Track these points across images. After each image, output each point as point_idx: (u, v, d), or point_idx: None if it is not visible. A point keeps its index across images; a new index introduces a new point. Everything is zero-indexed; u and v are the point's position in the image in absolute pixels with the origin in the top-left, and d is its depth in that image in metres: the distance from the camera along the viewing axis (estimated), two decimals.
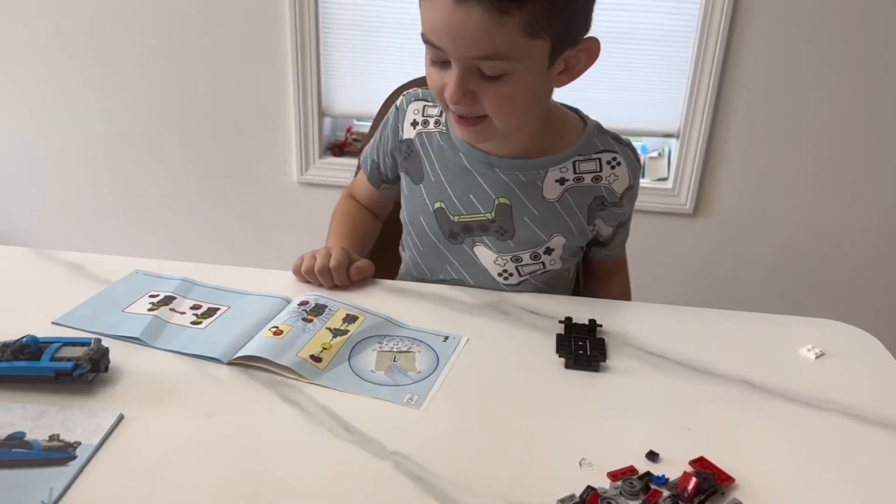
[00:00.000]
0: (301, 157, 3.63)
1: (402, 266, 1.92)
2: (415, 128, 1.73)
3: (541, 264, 1.72)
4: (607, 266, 1.87)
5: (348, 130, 3.73)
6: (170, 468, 1.08)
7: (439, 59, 1.46)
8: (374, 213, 1.95)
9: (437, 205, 1.71)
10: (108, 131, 3.75)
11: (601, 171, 1.66)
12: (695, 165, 3.42)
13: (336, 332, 1.45)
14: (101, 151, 3.80)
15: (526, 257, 1.70)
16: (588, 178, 1.66)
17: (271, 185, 3.71)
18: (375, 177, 1.87)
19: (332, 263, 1.61)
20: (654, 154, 3.60)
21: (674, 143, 3.50)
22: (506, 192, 1.66)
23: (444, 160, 1.69)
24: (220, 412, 1.21)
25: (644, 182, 3.47)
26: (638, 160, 1.71)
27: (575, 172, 1.65)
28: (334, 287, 1.62)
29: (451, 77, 1.44)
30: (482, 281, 1.73)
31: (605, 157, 1.66)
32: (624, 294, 1.91)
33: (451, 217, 1.70)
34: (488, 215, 1.68)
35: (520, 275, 1.73)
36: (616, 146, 1.68)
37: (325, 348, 1.39)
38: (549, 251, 1.70)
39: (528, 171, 1.64)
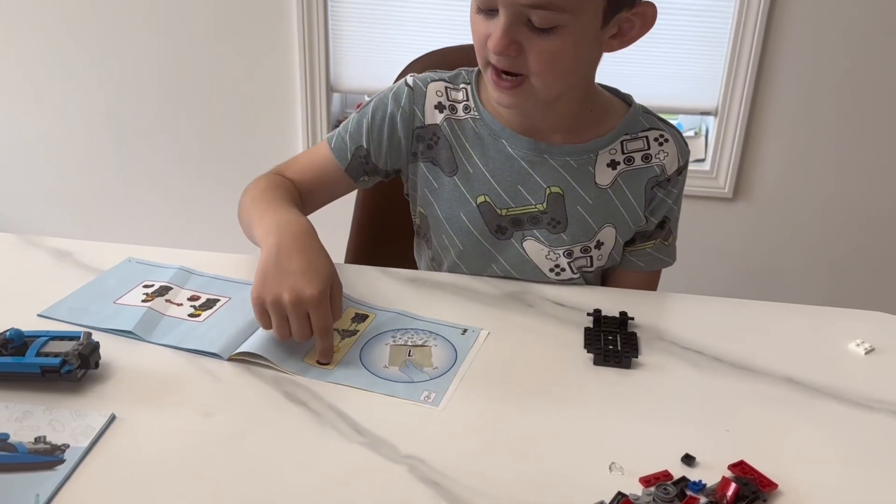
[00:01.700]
0: (308, 136, 3.63)
1: (424, 268, 1.88)
2: (441, 112, 1.70)
3: (589, 259, 1.71)
4: (629, 285, 1.78)
5: (358, 107, 3.72)
6: (165, 472, 1.08)
7: (486, 6, 1.45)
8: (304, 207, 1.71)
9: (481, 199, 1.68)
10: (100, 108, 3.76)
11: (649, 148, 1.66)
12: (734, 145, 3.41)
13: (345, 334, 1.44)
14: (92, 129, 3.81)
15: (577, 251, 1.69)
16: (638, 158, 1.66)
17: (271, 166, 3.69)
18: (359, 167, 1.74)
19: (317, 330, 1.36)
20: (691, 133, 3.59)
21: (711, 122, 3.49)
22: (557, 180, 1.65)
23: (483, 149, 1.68)
24: (220, 412, 1.20)
25: None
26: (686, 143, 1.72)
27: (624, 153, 1.65)
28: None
29: (497, 25, 1.44)
30: (532, 279, 1.71)
31: (652, 134, 1.67)
32: None
33: (498, 211, 1.68)
34: (539, 206, 1.67)
35: (572, 271, 1.71)
36: (662, 125, 1.69)
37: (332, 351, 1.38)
38: (598, 245, 1.70)
39: (579, 155, 1.64)
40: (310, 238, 1.44)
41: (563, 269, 1.71)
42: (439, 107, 1.70)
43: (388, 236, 2.05)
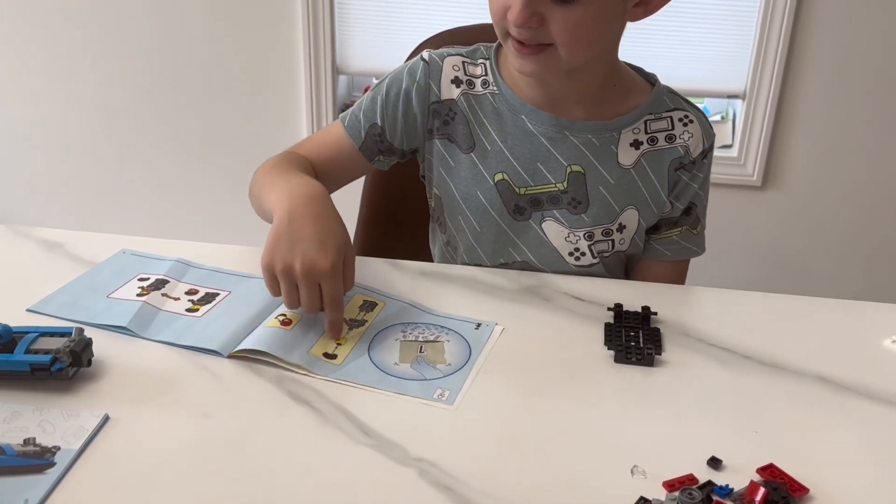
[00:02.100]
0: (312, 121, 3.63)
1: (438, 256, 1.90)
2: (458, 87, 1.71)
3: (610, 242, 1.71)
4: (655, 276, 1.81)
5: (366, 90, 3.71)
6: (162, 476, 1.08)
7: None
8: None
9: (499, 176, 1.69)
10: (92, 90, 3.76)
11: (673, 129, 1.67)
12: (763, 131, 3.40)
13: (352, 323, 1.44)
14: (83, 113, 3.81)
15: (598, 233, 1.70)
16: (662, 139, 1.67)
17: (279, 151, 3.67)
18: (374, 146, 1.75)
19: (328, 301, 1.38)
20: (717, 118, 3.58)
21: (739, 105, 3.48)
22: (578, 158, 1.66)
23: (502, 125, 1.69)
24: (220, 412, 1.20)
25: None
26: (711, 126, 1.73)
27: (647, 132, 1.66)
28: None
29: None
30: (550, 262, 1.73)
31: (677, 114, 1.68)
32: None
33: (517, 189, 1.69)
34: (559, 185, 1.68)
35: (592, 255, 1.72)
36: (687, 106, 1.70)
37: (339, 343, 1.38)
38: (620, 228, 1.70)
39: (602, 133, 1.66)
40: (324, 203, 1.45)
41: (583, 253, 1.71)
42: (456, 81, 1.70)
43: (397, 226, 2.05)
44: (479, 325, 1.45)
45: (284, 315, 1.42)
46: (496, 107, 1.69)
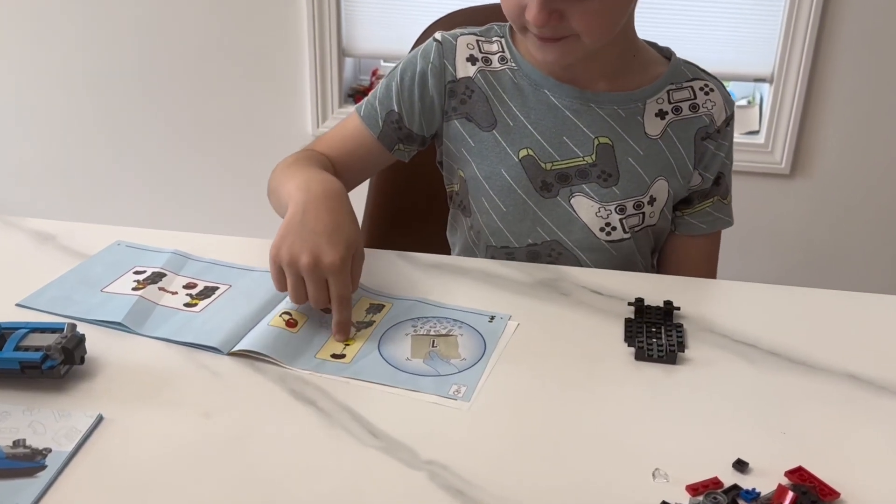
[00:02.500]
0: (317, 107, 3.63)
1: (460, 244, 1.91)
2: (474, 64, 1.73)
3: (641, 216, 1.73)
4: (690, 251, 1.85)
5: (374, 73, 3.73)
6: (158, 480, 1.08)
7: None
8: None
9: (523, 153, 1.70)
10: (85, 73, 3.76)
11: (696, 98, 1.72)
12: (792, 116, 3.39)
13: (360, 325, 1.44)
14: (73, 97, 3.82)
15: (630, 206, 1.72)
16: (686, 108, 1.71)
17: (281, 139, 3.71)
18: (392, 133, 1.77)
19: (335, 299, 1.39)
20: (743, 102, 3.58)
21: (766, 89, 3.47)
22: (605, 129, 1.69)
23: (524, 100, 1.70)
24: (220, 412, 1.20)
25: None
26: (729, 94, 1.77)
27: (671, 102, 1.70)
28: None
29: None
30: (580, 240, 1.74)
31: (697, 84, 1.73)
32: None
33: (543, 165, 1.71)
34: (587, 158, 1.69)
35: (624, 230, 1.74)
36: (705, 75, 1.76)
37: (347, 345, 1.38)
38: (651, 200, 1.72)
39: (627, 104, 1.69)
40: (340, 199, 1.47)
41: (613, 228, 1.73)
42: (471, 59, 1.73)
43: (406, 218, 2.05)
44: (492, 317, 1.45)
45: (290, 315, 1.42)
46: (516, 82, 1.71)
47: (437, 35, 1.75)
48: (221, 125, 3.74)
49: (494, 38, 1.74)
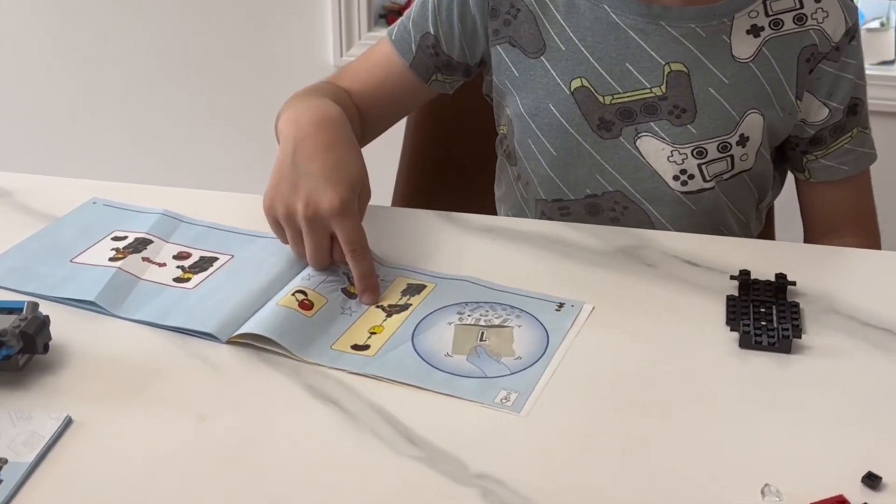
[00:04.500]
0: (340, 30, 3.62)
1: (509, 200, 1.90)
2: None
3: (729, 160, 1.71)
4: (838, 201, 1.82)
5: None
6: (141, 497, 1.08)
7: None
8: (364, 126, 1.77)
9: (577, 83, 1.70)
10: None
11: (802, 7, 1.67)
12: None
13: (392, 309, 1.42)
14: (35, 23, 3.82)
15: (712, 149, 1.70)
16: (789, 20, 1.67)
17: (297, 71, 3.68)
18: (428, 61, 1.78)
19: (346, 247, 1.41)
20: (875, 24, 3.55)
21: None
22: (680, 54, 1.67)
23: (578, 19, 1.69)
24: (218, 414, 1.20)
25: None
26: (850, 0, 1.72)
27: (768, 14, 1.66)
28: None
29: None
30: (649, 190, 1.73)
31: None
32: None
33: (600, 98, 1.69)
34: (656, 90, 1.68)
35: (704, 178, 1.72)
36: None
37: (373, 332, 1.37)
38: (742, 140, 1.70)
39: (709, 20, 1.66)
40: (336, 128, 1.48)
41: (691, 176, 1.72)
42: None
43: (447, 170, 2.05)
44: (561, 304, 1.43)
45: (305, 294, 1.41)
46: None
47: None
48: (221, 55, 3.74)
49: None
